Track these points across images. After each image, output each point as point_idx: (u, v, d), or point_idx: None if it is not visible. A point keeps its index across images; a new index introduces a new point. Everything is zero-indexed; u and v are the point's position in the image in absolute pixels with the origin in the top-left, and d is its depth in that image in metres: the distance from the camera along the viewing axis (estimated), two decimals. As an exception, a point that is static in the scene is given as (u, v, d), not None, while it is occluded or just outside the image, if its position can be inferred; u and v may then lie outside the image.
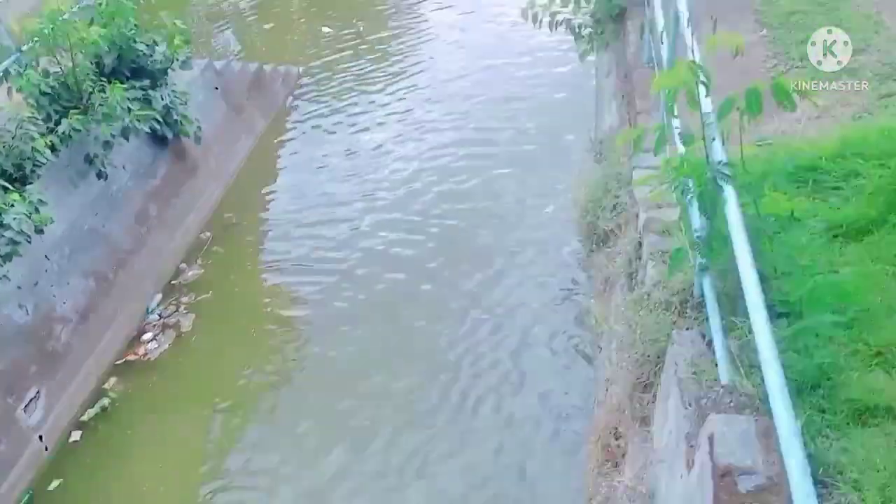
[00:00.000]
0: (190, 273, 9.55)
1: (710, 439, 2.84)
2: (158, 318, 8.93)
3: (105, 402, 7.94)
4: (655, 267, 4.26)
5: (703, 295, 3.70)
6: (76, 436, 7.68)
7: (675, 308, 3.88)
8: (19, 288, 7.45)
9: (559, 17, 8.44)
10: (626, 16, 7.90)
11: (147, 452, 7.39)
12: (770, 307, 2.74)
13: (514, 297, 8.35)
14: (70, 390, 7.87)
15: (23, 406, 7.31)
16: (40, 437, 7.45)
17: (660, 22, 5.58)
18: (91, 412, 7.85)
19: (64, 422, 7.74)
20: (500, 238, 9.12)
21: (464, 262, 8.94)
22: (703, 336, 3.59)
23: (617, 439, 4.31)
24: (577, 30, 8.49)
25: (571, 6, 8.28)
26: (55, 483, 7.17)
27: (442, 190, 10.18)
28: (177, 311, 8.96)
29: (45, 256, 7.87)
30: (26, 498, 7.08)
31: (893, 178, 3.87)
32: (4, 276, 7.17)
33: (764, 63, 6.15)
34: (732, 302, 3.47)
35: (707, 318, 3.55)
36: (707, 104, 3.43)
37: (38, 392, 7.50)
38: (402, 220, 9.81)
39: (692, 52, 3.52)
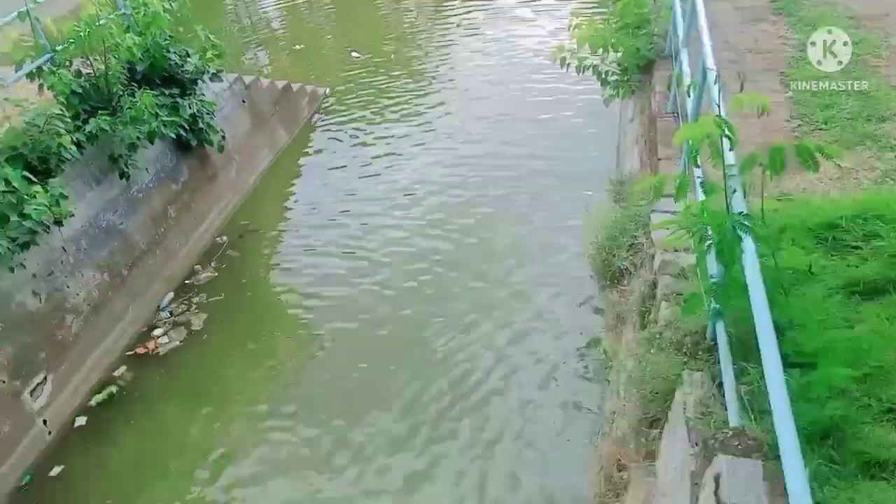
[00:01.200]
0: (203, 275, 9.66)
1: (717, 479, 2.90)
2: (169, 315, 9.02)
3: (113, 389, 8.04)
4: (669, 308, 4.34)
5: (715, 339, 3.78)
6: (81, 421, 7.74)
7: (687, 349, 3.95)
8: (34, 276, 7.55)
9: (586, 63, 8.64)
10: (653, 68, 8.08)
11: (148, 443, 7.43)
12: (783, 357, 2.81)
13: (530, 307, 8.54)
14: (77, 378, 7.95)
15: (29, 390, 7.37)
16: (44, 422, 7.51)
17: (687, 76, 5.73)
18: (98, 398, 7.95)
19: (69, 408, 7.80)
20: (514, 254, 9.28)
21: (479, 267, 9.12)
22: (713, 379, 3.66)
23: (620, 471, 4.34)
24: (603, 76, 8.67)
25: (600, 53, 8.48)
26: (57, 469, 7.19)
27: (460, 202, 10.39)
28: (188, 310, 9.06)
29: (62, 248, 7.98)
30: (27, 479, 7.13)
31: (915, 242, 3.95)
32: (21, 264, 7.27)
33: (788, 123, 6.27)
34: (745, 348, 3.55)
35: (718, 362, 3.62)
36: (730, 157, 3.53)
37: (44, 377, 7.57)
38: (418, 230, 9.98)
39: (718, 106, 3.63)
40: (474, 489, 6.59)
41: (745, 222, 3.30)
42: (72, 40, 8.56)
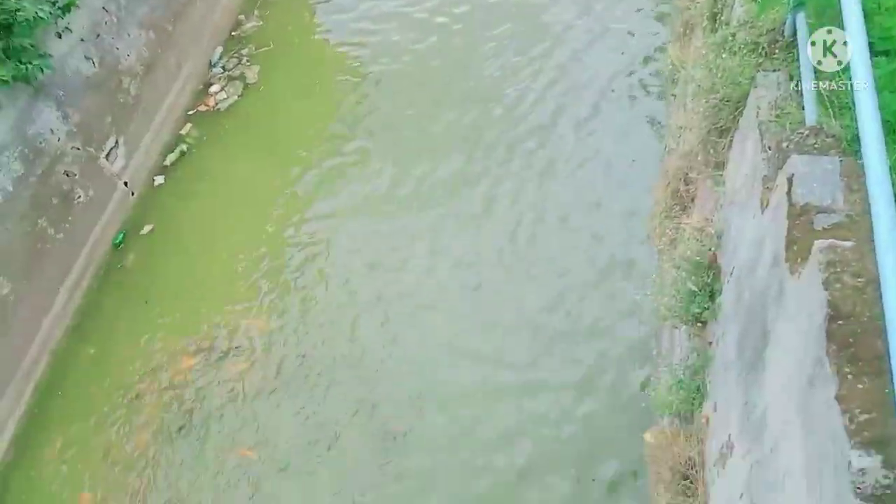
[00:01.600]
0: (248, 25, 9.39)
1: (790, 180, 2.81)
2: (223, 70, 8.96)
3: (183, 147, 8.33)
4: (743, 5, 3.98)
5: (794, 34, 3.48)
6: (160, 180, 8.13)
7: (762, 49, 3.67)
8: (83, 40, 7.46)
9: None
10: None
11: (224, 193, 7.82)
12: (869, 44, 2.57)
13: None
14: (147, 139, 8.19)
15: (104, 154, 7.66)
16: (125, 183, 7.90)
17: None
18: (171, 157, 8.27)
19: (146, 169, 8.16)
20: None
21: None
22: (791, 79, 3.43)
23: (687, 185, 4.30)
24: None
25: None
26: (147, 228, 7.70)
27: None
28: (240, 63, 8.96)
29: (103, 8, 7.77)
30: (120, 237, 7.70)
31: None
32: (66, 27, 7.16)
33: None
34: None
35: (797, 59, 3.37)
36: None
37: (116, 141, 7.82)
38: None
39: None
40: (531, 206, 6.82)
41: None
42: None
